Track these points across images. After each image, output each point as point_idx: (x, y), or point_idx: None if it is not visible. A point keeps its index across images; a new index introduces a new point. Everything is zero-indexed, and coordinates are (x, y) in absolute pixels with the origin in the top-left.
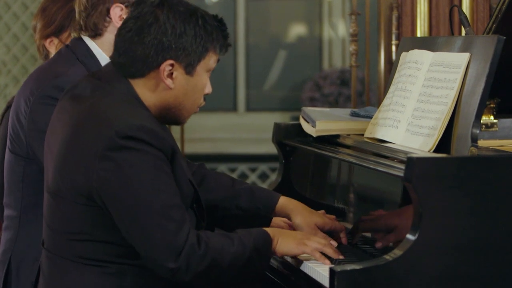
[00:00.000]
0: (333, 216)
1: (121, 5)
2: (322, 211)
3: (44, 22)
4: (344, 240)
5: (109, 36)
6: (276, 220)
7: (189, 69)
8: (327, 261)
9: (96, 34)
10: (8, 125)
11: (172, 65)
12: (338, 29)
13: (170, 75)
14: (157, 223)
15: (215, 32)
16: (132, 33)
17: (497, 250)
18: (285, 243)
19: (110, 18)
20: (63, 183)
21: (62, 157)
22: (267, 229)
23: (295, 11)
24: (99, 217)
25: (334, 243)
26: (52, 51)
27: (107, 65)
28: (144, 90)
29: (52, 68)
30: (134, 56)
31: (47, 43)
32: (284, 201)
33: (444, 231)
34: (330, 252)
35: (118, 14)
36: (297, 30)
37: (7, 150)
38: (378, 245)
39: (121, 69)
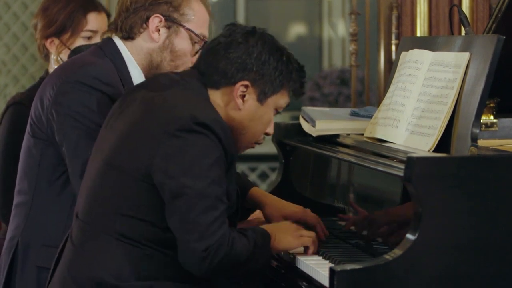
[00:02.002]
0: (308, 210)
1: (161, 16)
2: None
3: (45, 22)
4: (321, 234)
5: (141, 42)
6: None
7: (261, 97)
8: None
9: (128, 36)
10: (31, 111)
11: (247, 86)
12: (338, 29)
13: (242, 96)
14: (204, 208)
15: (295, 74)
16: (220, 46)
17: (497, 250)
18: (283, 239)
19: (147, 26)
20: (126, 156)
21: (131, 132)
22: (264, 226)
23: (295, 11)
24: (150, 196)
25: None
26: (53, 51)
27: (189, 70)
28: (216, 102)
29: (80, 59)
30: (216, 67)
31: (47, 43)
32: (256, 191)
33: (444, 230)
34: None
35: (155, 24)
36: (297, 29)
37: (26, 136)
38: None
39: (201, 76)
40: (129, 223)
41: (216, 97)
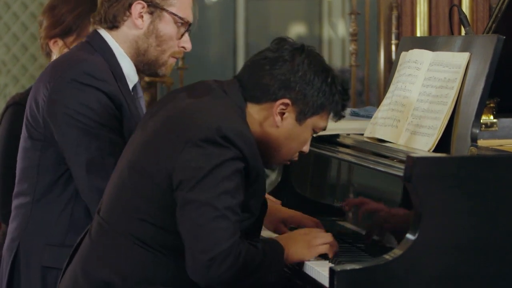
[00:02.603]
0: (306, 216)
1: (143, 2)
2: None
3: (51, 21)
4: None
5: (125, 30)
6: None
7: (301, 117)
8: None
9: (113, 26)
10: (26, 113)
11: (287, 105)
12: (338, 29)
13: (282, 114)
14: (212, 218)
15: (338, 96)
16: (265, 61)
17: (497, 250)
18: (296, 250)
19: (130, 13)
20: (149, 160)
21: (158, 135)
22: (277, 238)
23: (295, 11)
24: (168, 201)
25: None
26: (55, 51)
27: (232, 80)
28: (254, 116)
29: (71, 56)
30: (258, 82)
31: (51, 43)
32: None
33: (444, 231)
34: (335, 246)
35: (138, 10)
36: (297, 29)
37: (23, 137)
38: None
39: (242, 89)
40: (145, 227)
41: (254, 111)
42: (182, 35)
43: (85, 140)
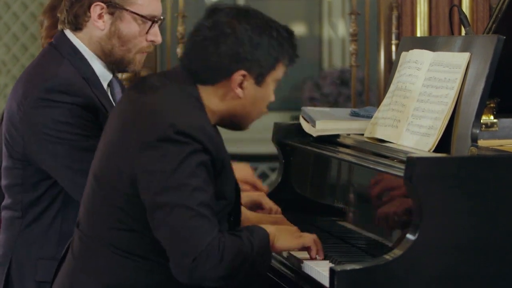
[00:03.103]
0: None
1: (102, 4)
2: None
3: (52, 21)
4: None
5: (89, 31)
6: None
7: (259, 80)
8: (322, 254)
9: (76, 27)
10: (3, 129)
11: (243, 75)
12: (338, 29)
13: (241, 85)
14: (187, 218)
15: (286, 43)
16: (207, 41)
17: (497, 250)
18: (282, 238)
19: (90, 14)
20: (110, 169)
21: (114, 143)
22: (263, 226)
23: (295, 11)
24: (136, 208)
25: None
26: None
27: (176, 68)
28: (212, 97)
29: (41, 70)
30: (207, 64)
31: None
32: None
33: (444, 231)
34: (320, 247)
35: (98, 12)
36: (297, 30)
37: (4, 156)
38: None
39: (191, 75)
40: (121, 234)
41: (211, 92)
42: (148, 30)
43: (71, 154)
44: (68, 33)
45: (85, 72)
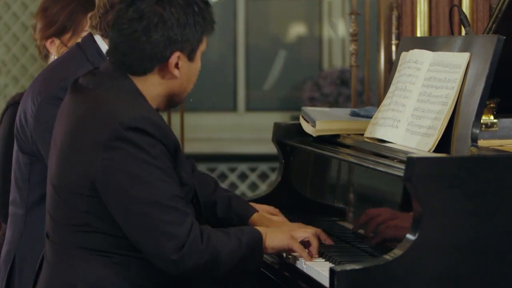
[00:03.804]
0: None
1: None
2: (299, 224)
3: (45, 22)
4: (328, 241)
5: None
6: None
7: (191, 56)
8: (308, 256)
9: (108, 35)
10: (16, 123)
11: (178, 56)
12: (338, 29)
13: (177, 65)
14: (160, 213)
15: (207, 14)
16: (138, 33)
17: (497, 250)
18: (274, 237)
19: None
20: (67, 175)
21: (65, 149)
22: (256, 227)
23: (295, 11)
24: (102, 209)
25: (324, 236)
26: (53, 51)
27: (105, 64)
28: (150, 85)
29: (61, 68)
30: (142, 55)
31: (48, 43)
32: (257, 218)
33: (444, 231)
34: (314, 243)
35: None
36: (297, 30)
37: (15, 148)
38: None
39: (123, 68)
40: (93, 236)
41: (147, 81)
42: None
43: None
44: (98, 39)
45: None
